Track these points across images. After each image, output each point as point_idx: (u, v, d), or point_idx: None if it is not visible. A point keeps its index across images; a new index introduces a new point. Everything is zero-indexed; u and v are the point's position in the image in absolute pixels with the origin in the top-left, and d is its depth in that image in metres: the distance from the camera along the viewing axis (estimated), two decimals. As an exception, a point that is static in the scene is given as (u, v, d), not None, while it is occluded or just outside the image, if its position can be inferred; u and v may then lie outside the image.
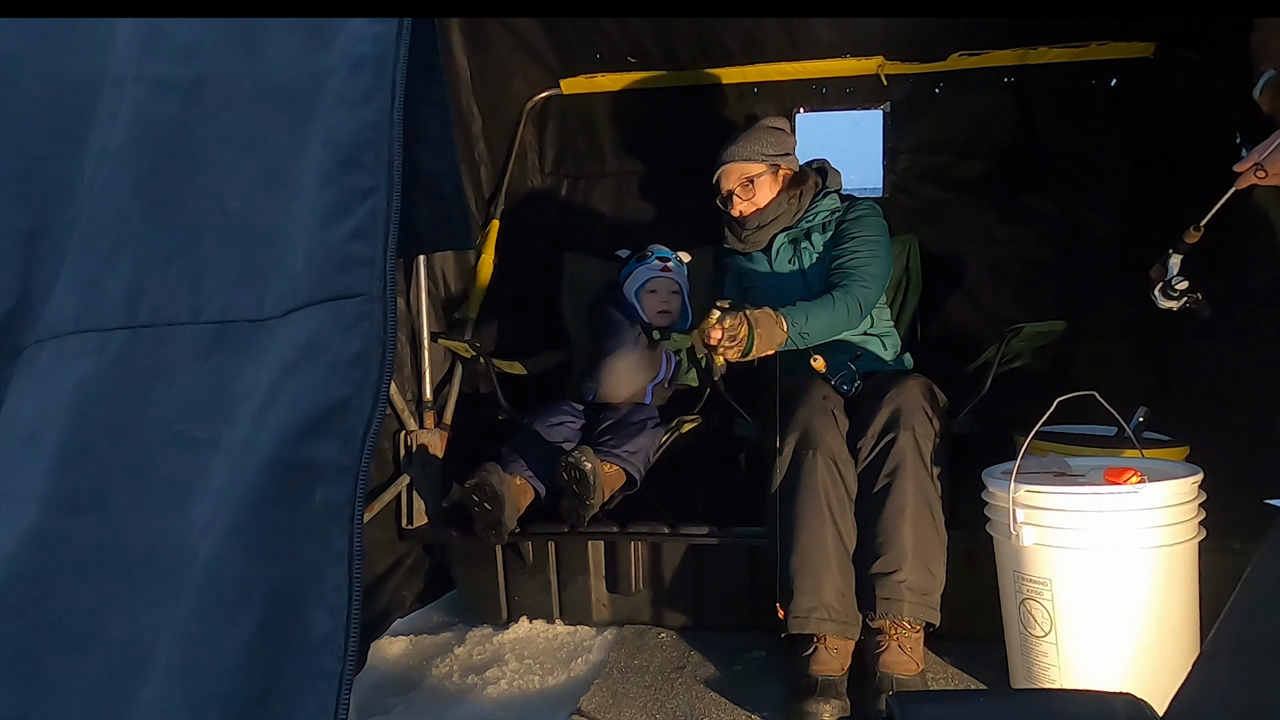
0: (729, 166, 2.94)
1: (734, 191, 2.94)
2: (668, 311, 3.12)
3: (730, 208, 2.97)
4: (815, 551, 2.28)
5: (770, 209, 2.93)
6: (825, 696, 2.15)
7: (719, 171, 2.96)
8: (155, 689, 0.98)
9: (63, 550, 1.07)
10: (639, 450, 2.68)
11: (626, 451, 2.65)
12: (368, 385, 0.98)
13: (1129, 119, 3.20)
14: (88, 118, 1.23)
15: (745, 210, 2.95)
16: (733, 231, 3.01)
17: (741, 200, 2.94)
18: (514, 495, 2.52)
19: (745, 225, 2.95)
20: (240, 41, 1.17)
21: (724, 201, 2.99)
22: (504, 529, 2.51)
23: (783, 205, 2.93)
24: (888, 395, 2.40)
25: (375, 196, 1.03)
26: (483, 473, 2.49)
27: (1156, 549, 1.97)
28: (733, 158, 2.93)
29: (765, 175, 2.92)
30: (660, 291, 3.12)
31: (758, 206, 2.93)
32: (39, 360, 1.18)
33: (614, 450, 2.64)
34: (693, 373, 3.07)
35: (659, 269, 3.12)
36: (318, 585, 0.95)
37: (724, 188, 2.96)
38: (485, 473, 2.49)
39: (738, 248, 3.03)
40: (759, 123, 3.00)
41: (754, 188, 2.92)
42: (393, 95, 1.07)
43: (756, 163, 2.91)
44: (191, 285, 1.11)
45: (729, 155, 2.93)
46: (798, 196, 2.94)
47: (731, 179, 2.94)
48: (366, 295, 1.01)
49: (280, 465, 0.98)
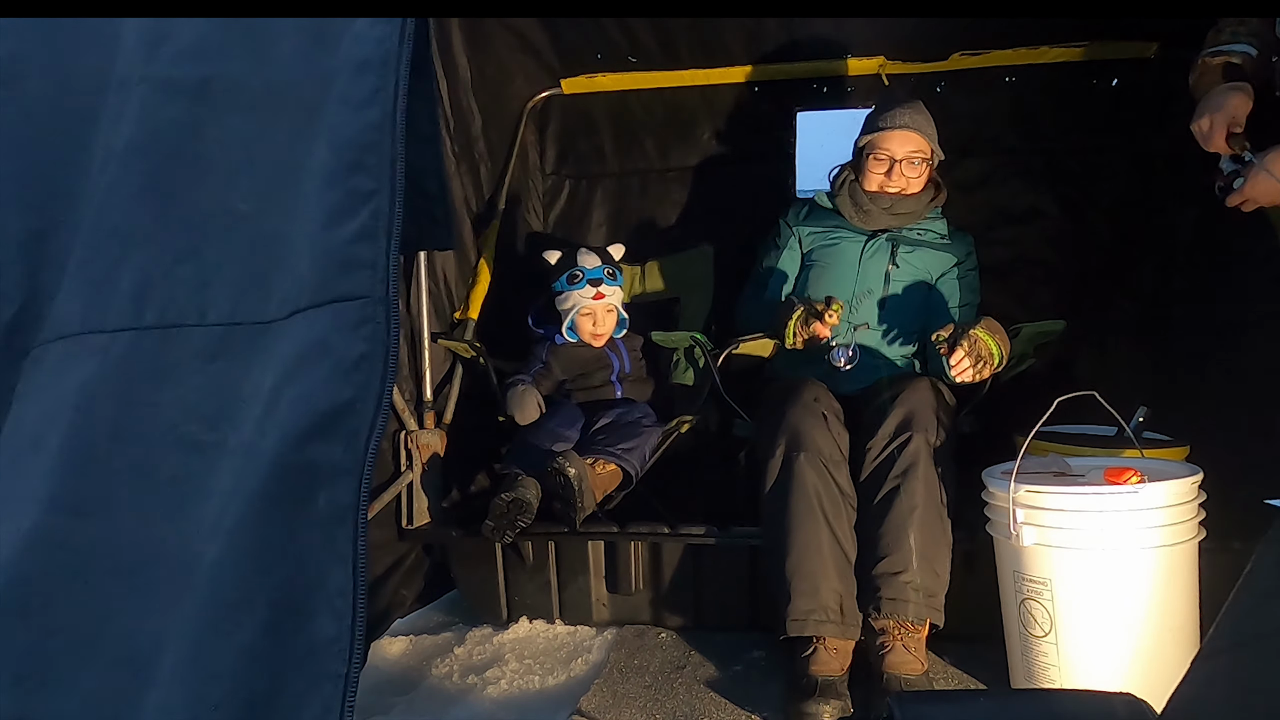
0: (906, 133, 2.69)
1: (899, 161, 2.70)
2: (602, 335, 2.99)
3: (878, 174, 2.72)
4: (811, 554, 2.27)
5: (912, 200, 2.75)
6: (825, 697, 2.15)
7: (888, 132, 2.69)
8: (160, 691, 0.99)
9: (67, 551, 1.08)
10: (636, 447, 2.67)
11: (622, 449, 2.64)
12: (371, 388, 0.98)
13: (1129, 119, 3.20)
14: (93, 120, 1.24)
15: (897, 188, 2.73)
16: (854, 199, 2.78)
17: (903, 175, 2.71)
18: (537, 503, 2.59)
19: (876, 201, 2.75)
20: (245, 44, 1.17)
21: (860, 164, 2.76)
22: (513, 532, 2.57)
23: (921, 202, 2.77)
24: (900, 397, 2.38)
25: (378, 199, 1.04)
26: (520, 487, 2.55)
27: (1156, 549, 1.98)
28: (913, 125, 2.68)
29: (930, 161, 2.73)
30: (595, 314, 2.97)
31: (910, 191, 2.74)
32: (46, 361, 1.19)
33: (610, 448, 2.64)
34: (689, 372, 3.05)
35: (590, 296, 2.94)
36: (322, 588, 0.95)
37: (888, 150, 2.70)
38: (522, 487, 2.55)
39: (849, 215, 2.80)
40: (917, 100, 2.80)
41: (922, 168, 2.72)
42: (395, 97, 1.07)
43: (931, 143, 2.71)
44: (198, 287, 1.11)
45: (910, 121, 2.68)
46: (929, 200, 2.80)
47: (906, 147, 2.69)
48: (369, 298, 1.01)
49: (284, 468, 0.98)
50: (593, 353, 3.01)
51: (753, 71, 3.40)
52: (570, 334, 2.99)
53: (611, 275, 3.00)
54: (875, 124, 2.75)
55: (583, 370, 3.01)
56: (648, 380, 3.07)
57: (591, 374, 3.01)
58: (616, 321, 3.02)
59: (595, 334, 2.99)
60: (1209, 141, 2.16)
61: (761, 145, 3.48)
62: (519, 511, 2.52)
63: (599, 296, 2.95)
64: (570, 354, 3.01)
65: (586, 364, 3.01)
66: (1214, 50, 2.21)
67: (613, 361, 3.02)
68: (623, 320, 3.03)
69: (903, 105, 2.74)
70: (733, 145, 3.51)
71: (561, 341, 3.01)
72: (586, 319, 2.97)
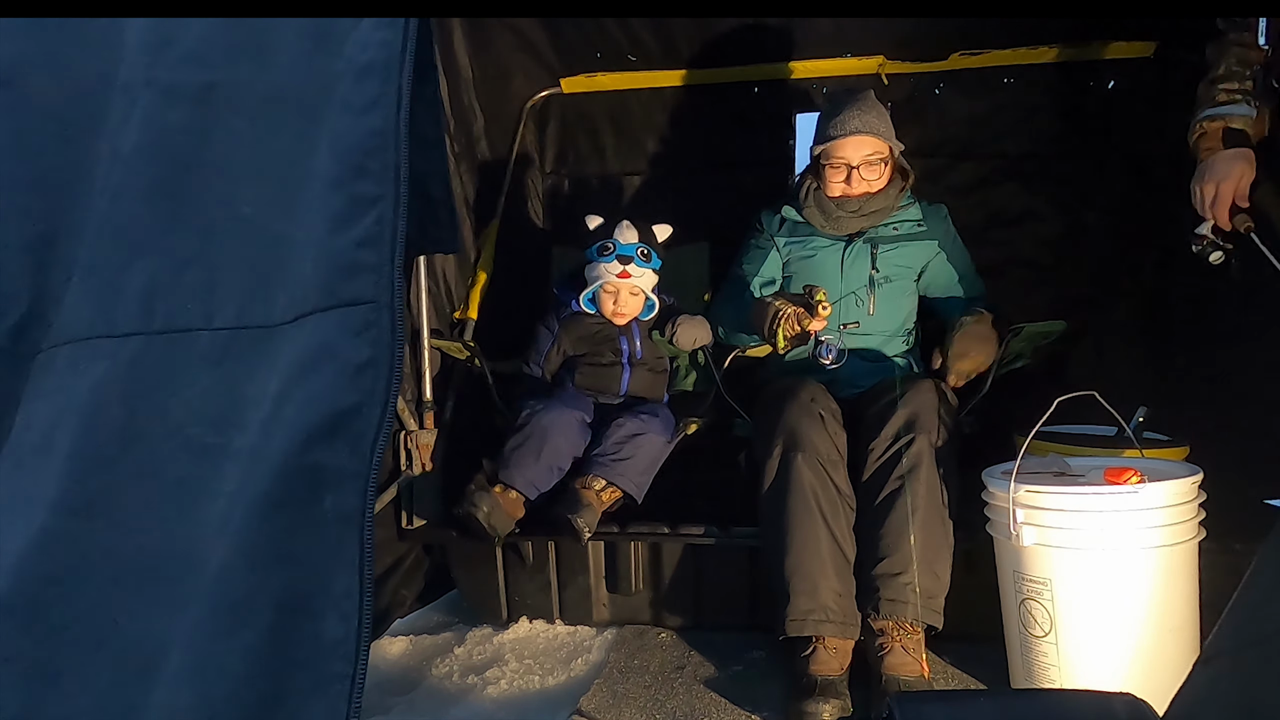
0: (861, 138, 2.62)
1: (856, 167, 2.65)
2: (624, 315, 2.90)
3: (837, 181, 2.67)
4: (809, 554, 2.28)
5: (879, 197, 2.69)
6: (825, 696, 2.15)
7: (839, 140, 2.62)
8: (166, 692, 0.99)
9: (74, 553, 1.08)
10: (644, 470, 2.65)
11: (630, 474, 2.62)
12: (376, 392, 0.99)
13: (1129, 119, 3.20)
14: (98, 123, 1.24)
15: (859, 191, 2.68)
16: (821, 208, 2.73)
17: (863, 180, 2.66)
18: (505, 511, 2.55)
19: (843, 206, 2.70)
20: (249, 47, 1.18)
21: (820, 172, 2.71)
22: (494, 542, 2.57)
23: (890, 197, 2.72)
24: (904, 398, 2.38)
25: (382, 204, 1.04)
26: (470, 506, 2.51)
27: (1156, 549, 1.98)
28: (867, 129, 2.61)
29: (889, 158, 2.68)
30: (619, 293, 2.87)
31: (871, 191, 2.68)
32: (54, 365, 1.19)
33: (622, 475, 2.61)
34: (690, 377, 3.05)
35: (615, 273, 2.84)
36: (328, 591, 0.95)
37: (843, 158, 2.65)
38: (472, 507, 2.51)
39: (819, 224, 2.76)
40: (867, 93, 2.72)
41: (881, 167, 2.66)
42: (399, 102, 1.08)
43: (887, 141, 2.64)
44: (205, 291, 1.12)
45: (861, 125, 2.60)
46: (898, 191, 2.74)
47: (861, 151, 2.63)
48: (374, 302, 1.02)
49: (290, 471, 0.98)
50: (606, 330, 2.91)
51: (752, 71, 3.40)
52: (589, 304, 2.90)
53: (645, 256, 2.87)
54: (826, 132, 2.68)
55: (592, 347, 2.91)
56: (660, 373, 2.97)
57: (601, 352, 2.91)
58: (643, 304, 2.91)
59: (617, 312, 2.89)
60: (1211, 211, 2.19)
61: (761, 145, 3.49)
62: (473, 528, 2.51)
63: (624, 275, 2.83)
64: (584, 327, 2.91)
65: (597, 341, 2.91)
66: (1212, 114, 2.21)
67: (623, 345, 2.91)
68: (649, 305, 2.92)
69: (850, 107, 2.65)
70: (732, 145, 3.52)
71: (577, 309, 2.91)
72: (609, 296, 2.87)
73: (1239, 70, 2.19)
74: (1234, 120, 2.19)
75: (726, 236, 3.29)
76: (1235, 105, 2.18)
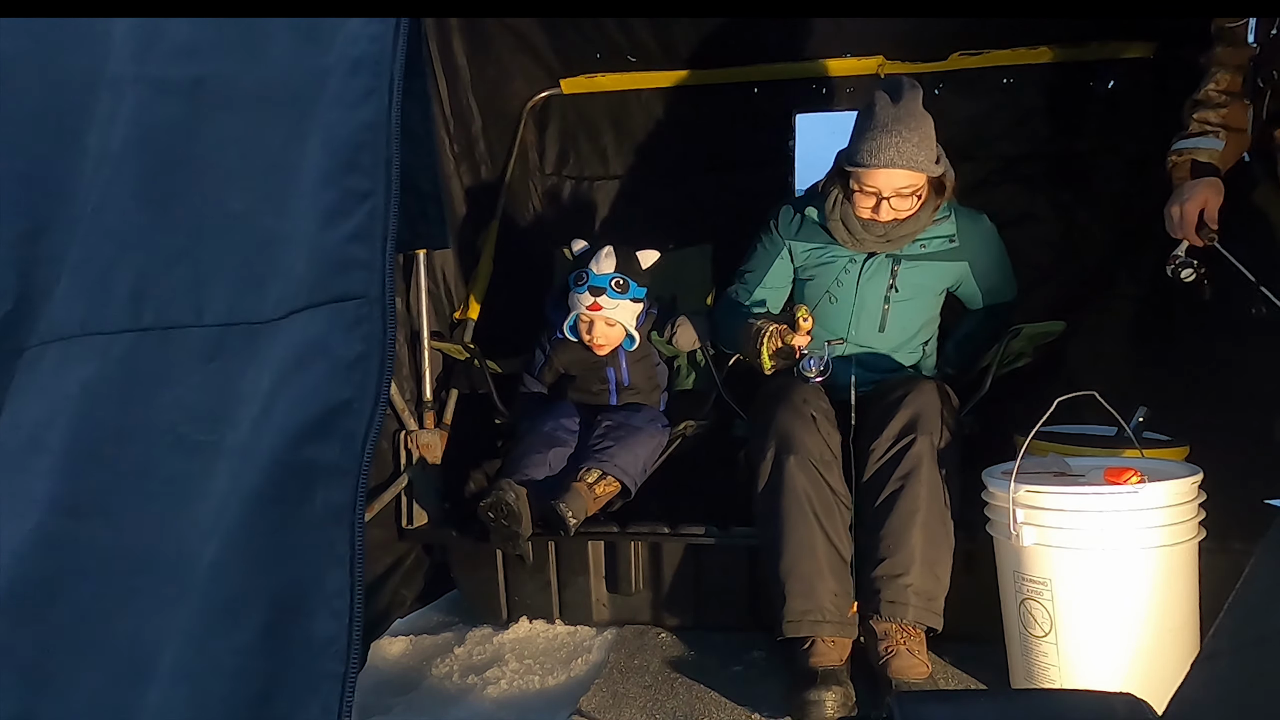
0: (894, 172, 2.40)
1: (887, 198, 2.45)
2: (602, 345, 2.82)
3: (865, 206, 2.49)
4: (804, 555, 2.27)
5: (909, 222, 2.52)
6: (827, 684, 2.14)
7: (871, 171, 2.41)
8: (159, 691, 0.99)
9: (67, 552, 1.08)
10: (636, 459, 2.65)
11: (622, 462, 2.62)
12: (368, 387, 0.98)
13: (1129, 119, 3.20)
14: (86, 118, 1.23)
15: (887, 218, 2.49)
16: (846, 224, 2.55)
17: (893, 210, 2.47)
18: (527, 508, 2.52)
19: (870, 230, 2.53)
20: (238, 42, 1.17)
21: (848, 192, 2.50)
22: (520, 540, 2.53)
23: (921, 221, 2.53)
24: (906, 398, 2.36)
25: (374, 198, 1.03)
26: (498, 491, 2.48)
27: (1156, 549, 1.97)
28: (902, 161, 2.37)
29: (925, 187, 2.48)
30: (593, 324, 2.79)
31: (900, 219, 2.51)
32: (43, 362, 1.19)
33: (609, 461, 2.61)
34: (691, 377, 3.04)
35: (586, 305, 2.75)
36: (320, 589, 0.95)
37: (874, 188, 2.44)
38: (500, 491, 2.48)
39: (842, 238, 2.59)
40: (911, 107, 2.41)
41: (914, 200, 2.48)
42: (390, 96, 1.07)
43: (924, 171, 2.43)
44: (194, 288, 1.11)
45: (896, 156, 2.36)
46: (930, 211, 2.55)
47: (893, 184, 2.42)
48: (366, 297, 1.01)
49: (281, 468, 0.98)
50: (592, 357, 2.88)
51: (752, 71, 3.40)
52: (571, 333, 2.86)
53: (620, 286, 2.76)
54: (859, 152, 2.41)
55: (581, 371, 2.92)
56: (654, 391, 2.95)
57: (589, 379, 2.91)
58: (623, 337, 2.84)
59: (594, 343, 2.82)
60: (1179, 230, 2.32)
61: (761, 145, 3.48)
62: (501, 515, 2.47)
63: (595, 308, 2.75)
64: (571, 352, 2.91)
65: (585, 366, 2.91)
66: (1180, 147, 2.36)
67: (609, 375, 2.89)
68: (629, 339, 2.85)
69: (889, 130, 2.37)
70: (732, 146, 3.51)
71: (563, 337, 2.89)
72: (585, 324, 2.82)
73: (1215, 95, 2.32)
74: (1199, 154, 2.33)
75: (728, 237, 3.29)
76: (1203, 138, 2.33)
